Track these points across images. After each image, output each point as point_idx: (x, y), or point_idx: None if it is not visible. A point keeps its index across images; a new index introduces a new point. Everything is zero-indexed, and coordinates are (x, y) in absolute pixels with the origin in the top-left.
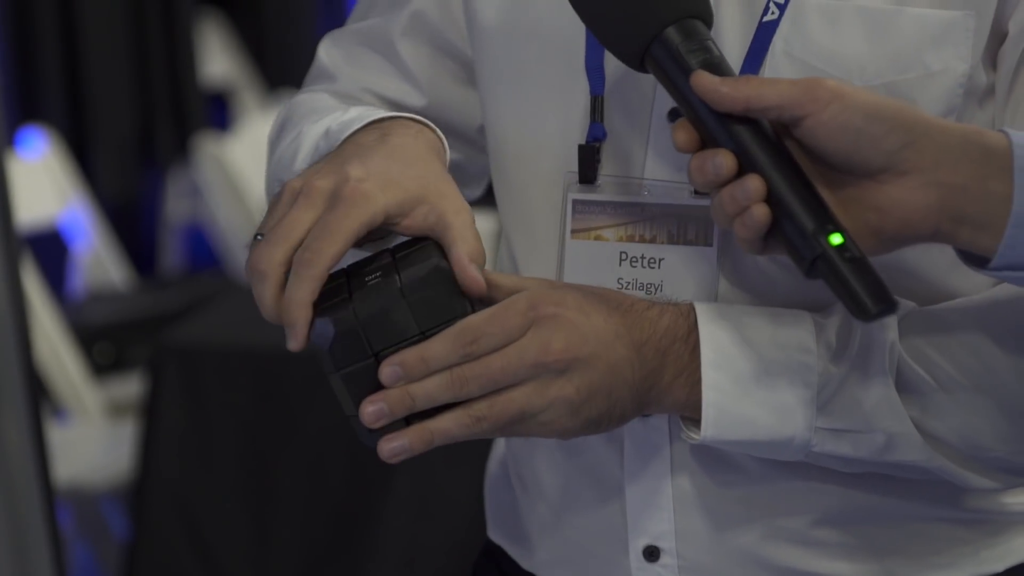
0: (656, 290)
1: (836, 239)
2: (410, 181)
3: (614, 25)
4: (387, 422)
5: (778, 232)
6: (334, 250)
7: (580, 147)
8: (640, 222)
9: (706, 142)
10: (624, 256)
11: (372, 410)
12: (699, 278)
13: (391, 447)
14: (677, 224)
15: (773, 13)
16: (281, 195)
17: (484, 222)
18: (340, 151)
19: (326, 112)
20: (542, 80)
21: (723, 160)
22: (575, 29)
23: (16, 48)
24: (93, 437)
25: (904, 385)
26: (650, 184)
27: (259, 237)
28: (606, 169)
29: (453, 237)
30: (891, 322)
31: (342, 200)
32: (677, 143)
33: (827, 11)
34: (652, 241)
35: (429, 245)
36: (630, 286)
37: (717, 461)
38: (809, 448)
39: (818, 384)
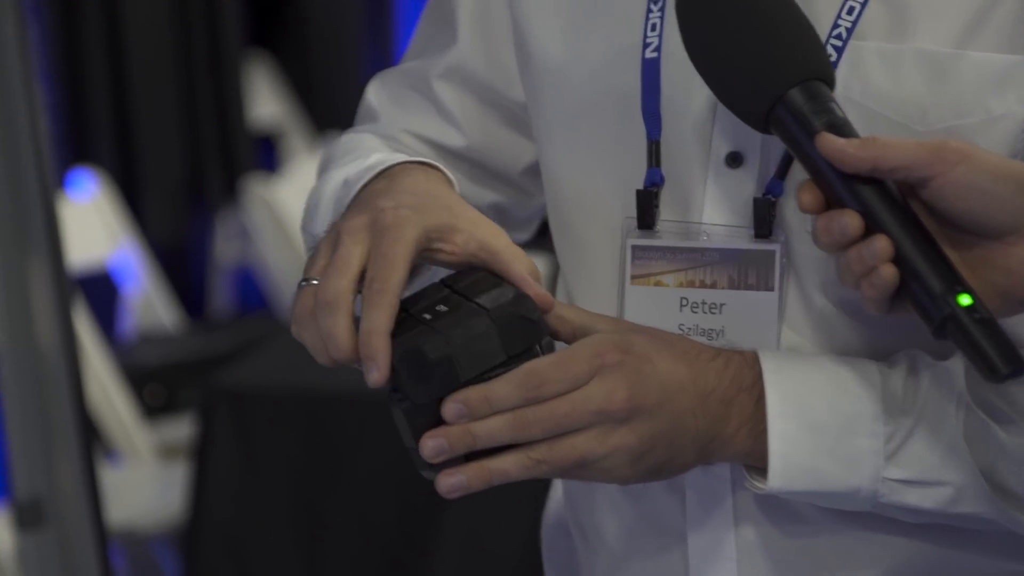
0: (718, 336)
1: (965, 300)
2: (437, 209)
3: (738, 87)
4: (447, 458)
5: (905, 292)
6: (399, 275)
7: (638, 192)
8: (700, 267)
9: (830, 203)
10: (685, 302)
11: (433, 444)
12: (761, 323)
13: (449, 482)
14: (738, 269)
15: (831, 56)
16: (320, 245)
17: (540, 265)
18: (358, 197)
19: (355, 156)
20: (598, 125)
21: (849, 221)
22: (631, 74)
23: (65, 90)
24: (145, 479)
25: (972, 434)
26: (709, 229)
27: (304, 283)
28: (665, 214)
29: (505, 258)
30: (957, 371)
31: (385, 228)
32: (802, 204)
33: (886, 55)
34: (713, 286)
35: (483, 275)
36: (691, 332)
37: (781, 511)
38: (876, 499)
39: (885, 434)
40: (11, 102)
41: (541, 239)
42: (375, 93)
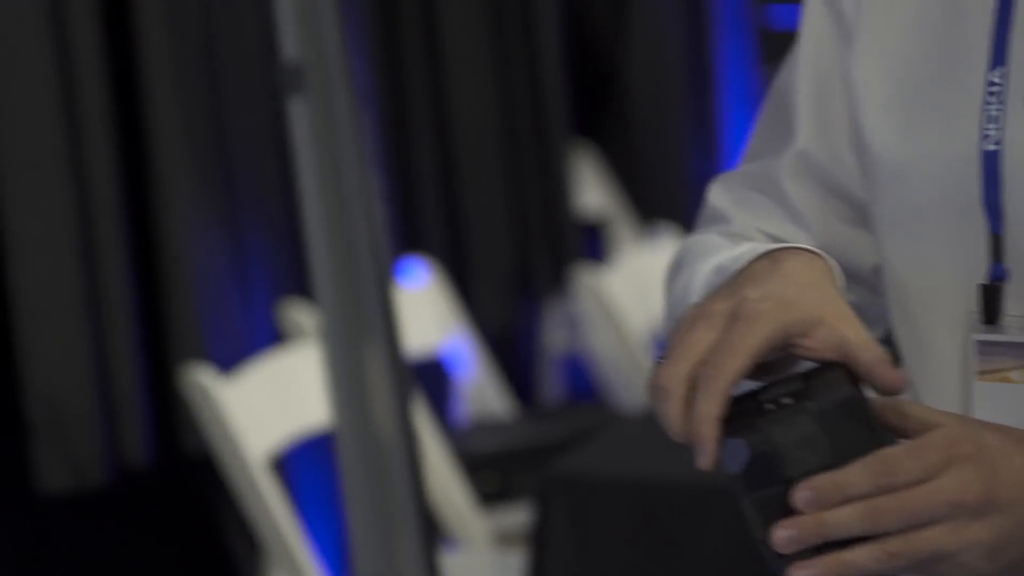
0: None
1: None
2: (807, 303)
3: None
4: (798, 549)
5: None
6: (736, 365)
7: (982, 287)
8: None
9: None
10: None
11: (784, 535)
12: None
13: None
14: None
15: None
16: (681, 321)
17: None
18: (733, 279)
19: (717, 251)
20: (938, 220)
21: None
22: (969, 165)
23: (397, 182)
24: (482, 566)
25: None
26: None
27: (660, 359)
28: (1010, 308)
29: (858, 352)
30: None
31: (741, 318)
32: None
33: None
34: None
35: (841, 372)
36: None
37: None
38: None
39: None
40: (347, 190)
41: None
42: (718, 196)
